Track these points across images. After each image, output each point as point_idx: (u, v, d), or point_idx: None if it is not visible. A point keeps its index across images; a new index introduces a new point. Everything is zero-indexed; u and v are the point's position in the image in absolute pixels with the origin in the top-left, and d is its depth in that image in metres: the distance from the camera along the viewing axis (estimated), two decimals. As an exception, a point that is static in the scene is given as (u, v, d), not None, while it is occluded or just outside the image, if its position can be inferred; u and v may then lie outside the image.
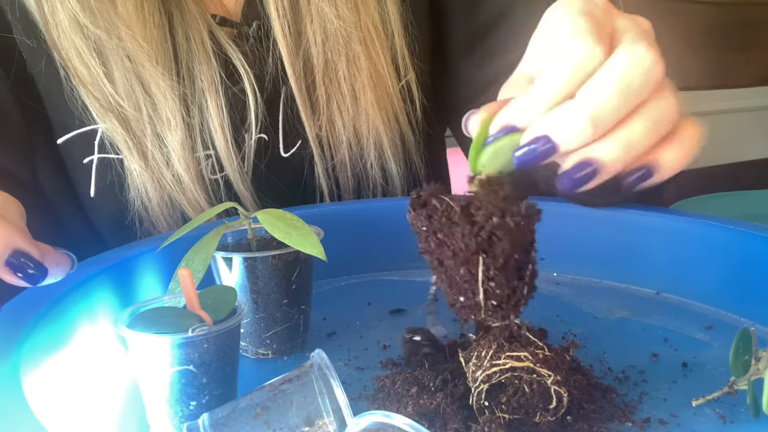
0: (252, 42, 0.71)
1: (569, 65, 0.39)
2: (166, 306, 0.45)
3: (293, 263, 0.52)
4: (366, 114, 0.73)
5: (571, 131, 0.38)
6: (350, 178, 0.75)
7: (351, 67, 0.71)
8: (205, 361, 0.42)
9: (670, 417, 0.44)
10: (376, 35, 0.72)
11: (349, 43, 0.71)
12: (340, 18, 0.69)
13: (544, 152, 0.39)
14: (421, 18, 0.78)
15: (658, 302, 0.63)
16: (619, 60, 0.38)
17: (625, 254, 0.67)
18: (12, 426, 0.34)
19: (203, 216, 0.51)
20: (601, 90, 0.38)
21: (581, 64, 0.39)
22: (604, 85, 0.38)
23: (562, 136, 0.38)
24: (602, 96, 0.38)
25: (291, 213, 0.51)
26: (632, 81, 0.38)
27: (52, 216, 0.73)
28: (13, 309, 0.47)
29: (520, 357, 0.41)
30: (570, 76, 0.39)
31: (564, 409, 0.42)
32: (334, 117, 0.73)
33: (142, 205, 0.69)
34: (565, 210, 0.70)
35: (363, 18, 0.71)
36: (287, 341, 0.54)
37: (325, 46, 0.70)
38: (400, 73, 0.75)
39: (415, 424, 0.33)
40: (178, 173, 0.68)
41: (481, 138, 0.40)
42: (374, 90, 0.73)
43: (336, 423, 0.38)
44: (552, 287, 0.67)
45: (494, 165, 0.40)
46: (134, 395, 0.47)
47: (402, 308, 0.62)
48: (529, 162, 0.39)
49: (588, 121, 0.38)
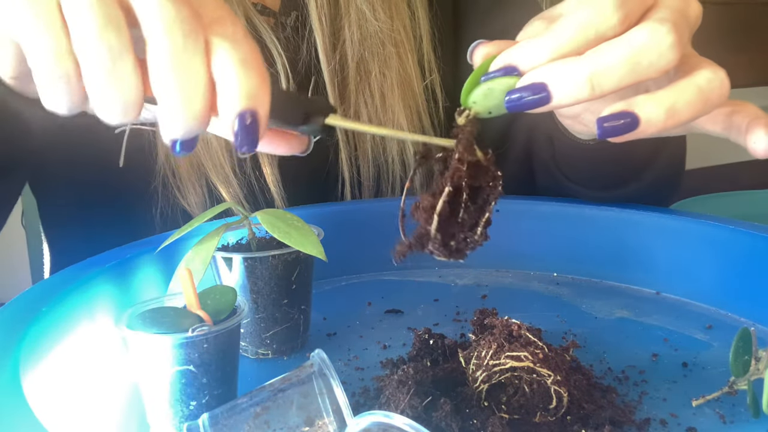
0: (289, 31, 0.74)
1: (581, 21, 0.38)
2: (166, 306, 0.45)
3: (293, 263, 0.52)
4: (391, 110, 0.76)
5: (568, 86, 0.38)
6: (371, 167, 0.77)
7: (382, 67, 0.75)
8: (205, 361, 0.42)
9: (670, 417, 0.44)
10: (406, 37, 0.76)
11: (383, 44, 0.74)
12: (377, 20, 0.73)
13: (536, 100, 0.38)
14: (445, 22, 0.81)
15: (658, 302, 0.63)
16: (637, 34, 0.38)
17: (625, 254, 0.67)
18: (12, 426, 0.34)
19: (203, 216, 0.51)
20: (610, 57, 0.38)
21: (594, 23, 0.38)
22: (613, 53, 0.38)
23: (559, 88, 0.38)
24: (608, 62, 0.38)
25: (291, 213, 0.51)
26: (642, 58, 0.38)
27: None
28: (13, 309, 0.47)
29: (520, 357, 0.41)
30: (580, 31, 0.38)
31: (564, 409, 0.42)
32: (360, 109, 0.75)
33: (170, 169, 0.70)
34: (565, 210, 0.70)
35: (396, 21, 0.75)
36: (287, 341, 0.54)
37: (361, 45, 0.74)
38: (425, 74, 0.79)
39: (415, 424, 0.33)
40: (208, 138, 0.70)
41: (480, 72, 0.40)
42: (401, 88, 0.76)
43: (336, 423, 0.38)
44: (552, 287, 0.67)
45: (485, 103, 0.40)
46: (134, 395, 0.47)
47: (402, 308, 0.63)
48: (520, 107, 0.39)
49: (587, 80, 0.38)
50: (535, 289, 0.67)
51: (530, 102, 0.38)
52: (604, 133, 0.39)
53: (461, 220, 0.40)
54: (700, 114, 0.39)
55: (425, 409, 0.41)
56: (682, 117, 0.39)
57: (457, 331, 0.57)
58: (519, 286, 0.69)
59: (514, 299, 0.65)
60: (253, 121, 0.36)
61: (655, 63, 0.38)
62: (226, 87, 0.36)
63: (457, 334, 0.56)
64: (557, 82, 0.38)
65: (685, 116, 0.39)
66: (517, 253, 0.71)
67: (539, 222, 0.71)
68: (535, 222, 0.71)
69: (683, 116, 0.39)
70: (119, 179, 0.72)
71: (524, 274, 0.71)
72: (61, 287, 0.50)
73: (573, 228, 0.69)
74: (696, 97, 0.39)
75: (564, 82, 0.38)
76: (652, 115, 0.38)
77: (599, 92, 0.38)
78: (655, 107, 0.38)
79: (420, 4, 0.78)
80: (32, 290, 0.50)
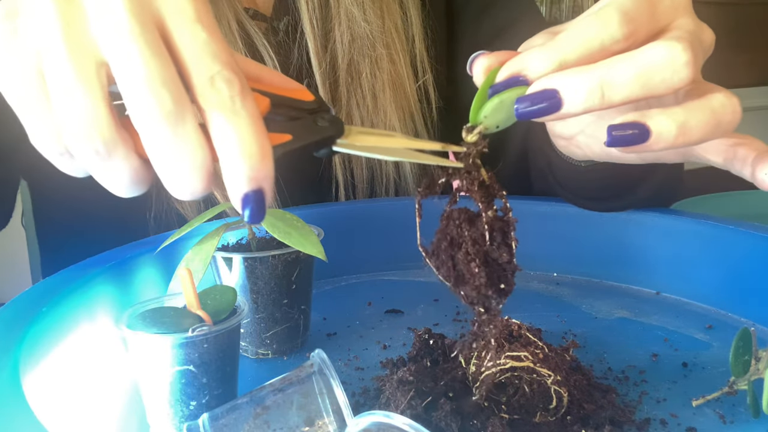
0: (281, 35, 0.74)
1: (586, 33, 0.38)
2: (166, 306, 0.45)
3: (293, 263, 0.52)
4: (384, 112, 0.76)
5: (580, 93, 0.37)
6: (365, 170, 0.77)
7: (373, 68, 0.75)
8: (205, 361, 0.42)
9: (670, 417, 0.44)
10: (398, 38, 0.76)
11: (374, 45, 0.74)
12: (367, 21, 0.73)
13: (548, 107, 0.38)
14: (438, 22, 0.81)
15: (658, 302, 0.63)
16: (652, 48, 0.38)
17: (625, 254, 0.67)
18: (12, 426, 0.34)
19: (203, 216, 0.51)
20: (622, 67, 0.37)
21: (598, 36, 0.38)
22: (626, 64, 0.37)
23: (570, 94, 0.37)
24: (621, 73, 0.37)
25: (291, 213, 0.51)
26: (656, 73, 0.37)
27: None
28: (13, 309, 0.47)
29: (520, 357, 0.41)
30: (584, 42, 0.38)
31: (564, 409, 0.42)
32: (352, 110, 0.75)
33: None
34: (565, 210, 0.70)
35: (387, 22, 0.75)
36: (287, 341, 0.54)
37: (351, 46, 0.74)
38: (418, 75, 0.78)
39: (415, 424, 0.33)
40: None
41: (486, 85, 0.39)
42: (393, 89, 0.76)
43: (336, 423, 0.38)
44: (552, 287, 0.67)
45: (496, 117, 0.39)
46: (134, 395, 0.47)
47: (402, 308, 0.63)
48: (530, 114, 0.38)
49: (598, 88, 0.37)
50: (535, 289, 0.67)
51: (541, 109, 0.38)
52: (612, 141, 0.38)
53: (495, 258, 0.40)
54: (709, 137, 0.39)
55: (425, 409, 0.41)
56: (693, 137, 0.38)
57: (457, 331, 0.57)
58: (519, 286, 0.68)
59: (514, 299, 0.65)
60: (259, 198, 0.35)
61: (668, 79, 0.37)
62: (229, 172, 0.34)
63: (457, 334, 0.56)
64: (569, 89, 0.37)
65: (696, 136, 0.38)
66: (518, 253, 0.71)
67: (539, 222, 0.70)
68: (535, 222, 0.71)
69: (694, 136, 0.38)
70: None
71: (524, 274, 0.71)
72: (61, 287, 0.50)
73: (573, 228, 0.69)
74: (708, 119, 0.38)
75: (575, 88, 0.37)
76: (664, 130, 0.38)
77: (608, 102, 0.38)
78: (668, 122, 0.38)
79: (412, 4, 0.78)
80: (32, 290, 0.50)
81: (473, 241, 0.40)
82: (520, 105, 0.38)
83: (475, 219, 0.40)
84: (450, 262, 0.40)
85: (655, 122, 0.38)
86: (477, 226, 0.40)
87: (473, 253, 0.39)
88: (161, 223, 0.71)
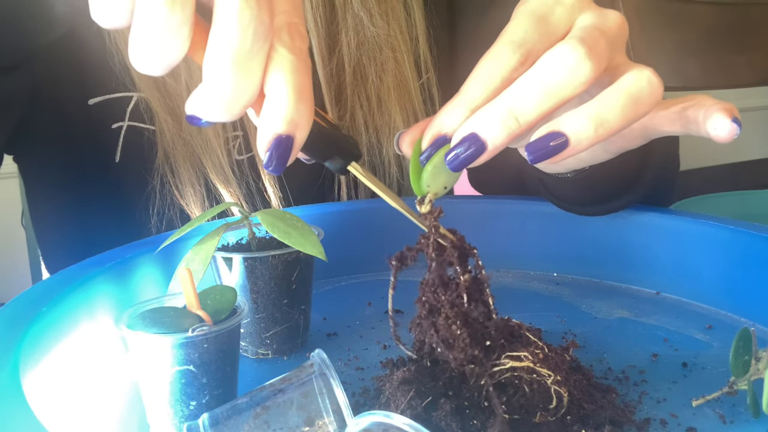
0: None
1: (484, 74, 0.39)
2: (166, 306, 0.45)
3: (293, 263, 0.52)
4: (388, 113, 0.76)
5: (495, 125, 0.38)
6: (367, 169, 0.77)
7: (379, 71, 0.75)
8: (205, 361, 0.42)
9: (670, 417, 0.44)
10: (403, 40, 0.76)
11: (380, 48, 0.74)
12: (374, 25, 0.73)
13: (474, 152, 0.38)
14: (440, 19, 0.81)
15: (658, 302, 0.63)
16: (544, 60, 0.38)
17: (625, 254, 0.67)
18: (12, 426, 0.34)
19: (203, 216, 0.51)
20: (521, 87, 0.38)
21: (497, 71, 0.39)
22: (524, 82, 0.38)
23: (488, 131, 0.38)
24: (524, 94, 0.38)
25: (291, 213, 0.51)
26: (555, 81, 0.38)
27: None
28: (13, 309, 0.47)
29: (520, 357, 0.41)
30: (485, 82, 0.39)
31: (564, 409, 0.42)
32: (356, 112, 0.75)
33: (169, 168, 0.70)
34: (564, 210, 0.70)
35: (392, 24, 0.75)
36: (287, 341, 0.54)
37: (358, 50, 0.74)
38: (421, 74, 0.79)
39: (415, 424, 0.33)
40: (207, 138, 0.70)
41: (416, 157, 0.41)
42: (397, 91, 0.76)
43: (336, 423, 0.38)
44: (552, 287, 0.67)
45: (437, 181, 0.41)
46: (134, 395, 0.47)
47: (402, 308, 0.62)
48: (464, 163, 0.39)
49: (508, 113, 0.38)
50: (535, 289, 0.67)
51: (470, 155, 0.38)
52: (535, 158, 0.39)
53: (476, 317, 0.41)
54: (635, 117, 0.39)
55: (425, 409, 0.41)
56: (614, 125, 0.38)
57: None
58: (519, 286, 0.69)
59: (514, 299, 0.65)
60: (288, 146, 0.36)
61: (570, 80, 0.38)
62: (274, 107, 0.36)
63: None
64: (483, 127, 0.38)
65: (618, 123, 0.38)
66: (517, 253, 0.71)
67: (539, 222, 0.71)
68: (535, 222, 0.71)
69: (615, 124, 0.38)
70: (116, 178, 0.72)
71: (524, 274, 0.71)
72: (61, 287, 0.50)
73: (573, 228, 0.69)
74: (624, 102, 0.38)
75: (490, 124, 0.38)
76: (580, 130, 0.38)
77: (525, 123, 0.38)
78: (580, 121, 0.38)
79: (416, 4, 0.78)
80: (32, 290, 0.50)
81: (451, 304, 0.40)
82: (450, 159, 0.39)
83: (448, 282, 0.41)
84: (432, 330, 0.41)
85: (568, 126, 0.38)
86: (452, 289, 0.41)
87: (452, 316, 0.40)
88: (164, 220, 0.71)
